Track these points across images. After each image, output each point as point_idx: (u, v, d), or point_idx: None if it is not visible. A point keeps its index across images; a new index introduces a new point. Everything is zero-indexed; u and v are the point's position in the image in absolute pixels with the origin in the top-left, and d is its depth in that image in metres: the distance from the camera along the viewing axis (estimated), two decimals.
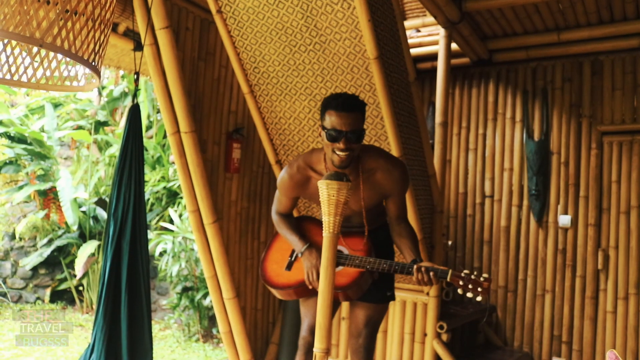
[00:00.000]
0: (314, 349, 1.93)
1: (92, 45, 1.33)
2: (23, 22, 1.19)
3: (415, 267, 2.11)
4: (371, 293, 2.45)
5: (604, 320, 4.10)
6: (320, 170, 2.34)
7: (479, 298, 2.03)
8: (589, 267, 4.18)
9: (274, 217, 2.57)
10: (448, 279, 2.07)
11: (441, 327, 3.58)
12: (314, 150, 2.44)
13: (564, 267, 4.29)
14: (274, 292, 2.50)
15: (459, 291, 2.06)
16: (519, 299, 4.43)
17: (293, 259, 2.48)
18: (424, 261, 2.19)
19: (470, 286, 2.04)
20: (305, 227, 2.56)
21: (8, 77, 1.53)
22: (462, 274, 2.06)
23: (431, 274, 2.07)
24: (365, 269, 2.23)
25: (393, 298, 2.58)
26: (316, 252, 2.35)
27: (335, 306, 2.56)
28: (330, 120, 2.17)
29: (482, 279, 2.04)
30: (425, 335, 3.65)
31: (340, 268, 2.30)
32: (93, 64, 1.35)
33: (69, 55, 1.26)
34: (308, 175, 2.38)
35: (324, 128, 2.21)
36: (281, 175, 2.44)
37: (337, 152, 2.18)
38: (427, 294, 3.62)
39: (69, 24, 1.25)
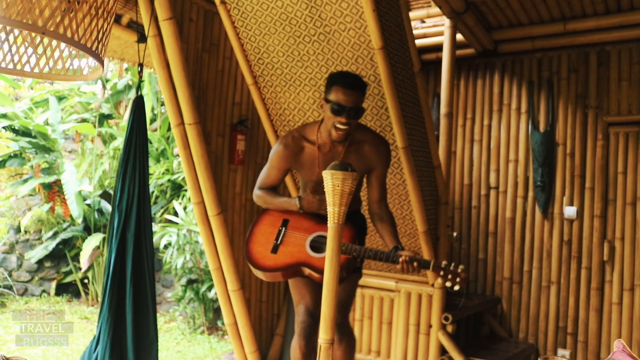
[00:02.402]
0: (319, 340, 1.92)
1: (95, 34, 1.32)
2: (25, 9, 1.18)
3: (401, 259, 2.27)
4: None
5: (610, 311, 4.09)
6: (313, 140, 2.51)
7: (456, 287, 2.23)
8: (595, 258, 4.17)
9: (257, 193, 2.63)
10: (430, 270, 2.25)
11: (446, 319, 3.57)
12: (307, 124, 2.61)
13: (569, 259, 4.27)
14: (259, 274, 2.53)
15: (439, 280, 2.27)
16: (524, 291, 4.42)
17: (279, 242, 2.53)
18: (405, 249, 2.36)
19: (449, 276, 2.23)
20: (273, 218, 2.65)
21: (11, 66, 1.52)
22: (442, 265, 2.25)
23: (415, 264, 2.25)
24: (352, 255, 2.34)
25: (360, 270, 2.70)
26: (309, 191, 2.49)
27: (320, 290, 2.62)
28: (336, 95, 2.35)
29: (459, 269, 2.23)
30: (430, 326, 3.65)
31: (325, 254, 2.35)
32: (96, 52, 1.34)
33: (72, 43, 1.25)
34: (302, 145, 2.53)
35: (327, 101, 2.39)
36: (275, 147, 2.57)
37: (337, 125, 2.36)
38: (432, 285, 3.61)
39: (72, 11, 1.24)
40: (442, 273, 2.23)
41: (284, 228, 2.56)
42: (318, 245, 2.46)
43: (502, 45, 4.60)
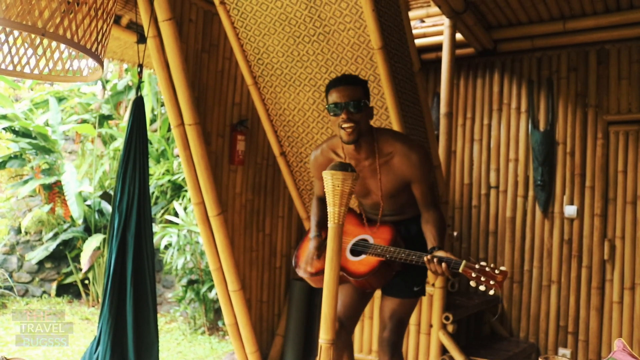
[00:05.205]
0: (320, 340, 1.92)
1: (95, 35, 1.32)
2: (25, 10, 1.18)
3: (426, 258, 2.04)
4: (398, 287, 2.44)
5: (610, 310, 4.09)
6: (340, 154, 2.41)
7: (491, 292, 1.93)
8: (595, 257, 4.17)
9: (313, 201, 2.64)
10: (460, 270, 1.98)
11: (447, 318, 3.57)
12: (336, 135, 2.49)
13: (569, 258, 4.27)
14: (306, 279, 2.51)
15: (471, 283, 1.96)
16: (525, 290, 4.42)
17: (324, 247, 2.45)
18: (442, 250, 2.11)
19: (482, 279, 1.94)
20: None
21: (11, 68, 1.52)
22: (476, 266, 1.96)
23: (443, 265, 2.00)
24: (385, 258, 2.21)
25: (422, 293, 2.53)
26: (321, 241, 2.43)
27: (366, 299, 2.58)
28: (331, 97, 2.28)
29: (496, 271, 1.94)
30: (430, 326, 3.64)
31: (363, 257, 2.32)
32: (96, 53, 1.34)
33: (72, 44, 1.25)
34: (330, 157, 2.44)
35: (328, 109, 2.30)
36: (310, 159, 2.55)
37: (342, 126, 2.25)
38: (433, 285, 3.61)
39: (72, 13, 1.24)
40: (474, 275, 1.94)
41: None
42: (358, 249, 2.35)
43: (502, 45, 4.60)
